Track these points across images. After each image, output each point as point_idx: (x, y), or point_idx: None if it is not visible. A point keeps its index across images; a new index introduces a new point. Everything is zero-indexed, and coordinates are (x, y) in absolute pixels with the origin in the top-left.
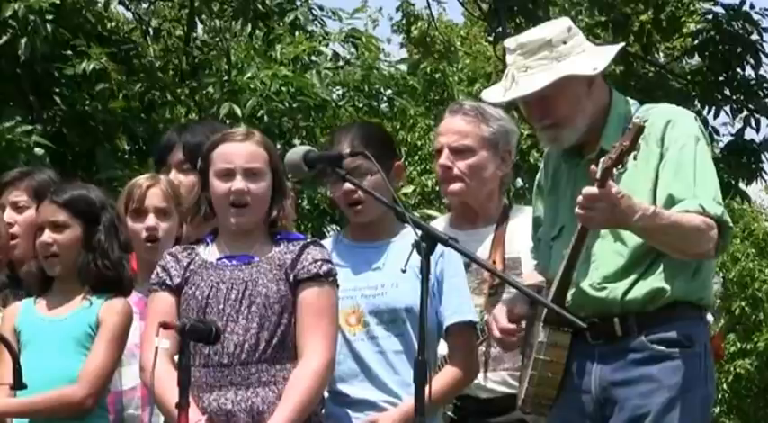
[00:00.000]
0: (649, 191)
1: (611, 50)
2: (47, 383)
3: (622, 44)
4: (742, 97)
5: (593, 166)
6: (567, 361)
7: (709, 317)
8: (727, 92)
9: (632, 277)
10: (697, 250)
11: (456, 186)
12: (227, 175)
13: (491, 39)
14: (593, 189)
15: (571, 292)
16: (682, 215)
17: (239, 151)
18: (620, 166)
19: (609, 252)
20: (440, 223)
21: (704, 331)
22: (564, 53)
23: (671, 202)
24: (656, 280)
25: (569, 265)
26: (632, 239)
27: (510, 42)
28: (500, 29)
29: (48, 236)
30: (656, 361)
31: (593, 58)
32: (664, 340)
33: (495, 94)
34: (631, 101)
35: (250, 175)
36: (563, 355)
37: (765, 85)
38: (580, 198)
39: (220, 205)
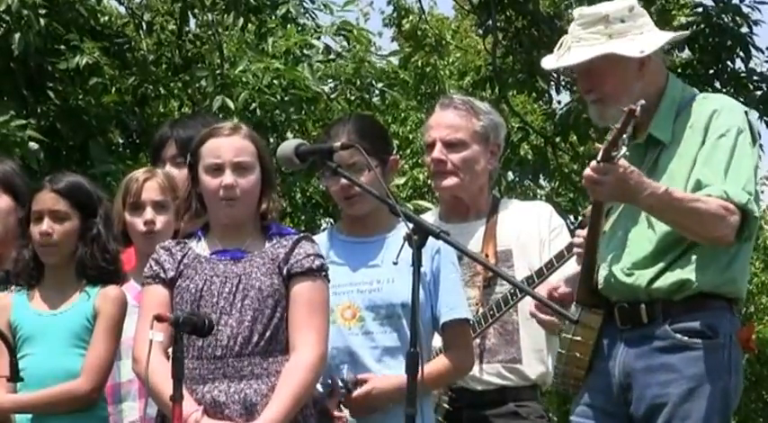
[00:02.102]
0: (688, 172)
1: (666, 36)
2: (51, 379)
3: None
4: (732, 90)
5: (597, 144)
6: (597, 342)
7: None
8: (718, 85)
9: (660, 265)
10: (713, 234)
11: (450, 181)
12: (217, 169)
13: (481, 32)
14: (593, 163)
15: (604, 274)
16: (698, 197)
17: (227, 145)
18: (615, 149)
19: (641, 238)
20: (429, 217)
21: (731, 323)
22: (619, 31)
23: (697, 186)
24: (685, 271)
25: (591, 245)
26: (660, 226)
27: (575, 12)
28: (490, 22)
29: (47, 225)
30: (677, 350)
31: (646, 40)
32: (687, 330)
33: (549, 60)
34: (690, 88)
35: (239, 169)
36: (592, 335)
37: (755, 77)
38: (587, 170)
39: (211, 200)
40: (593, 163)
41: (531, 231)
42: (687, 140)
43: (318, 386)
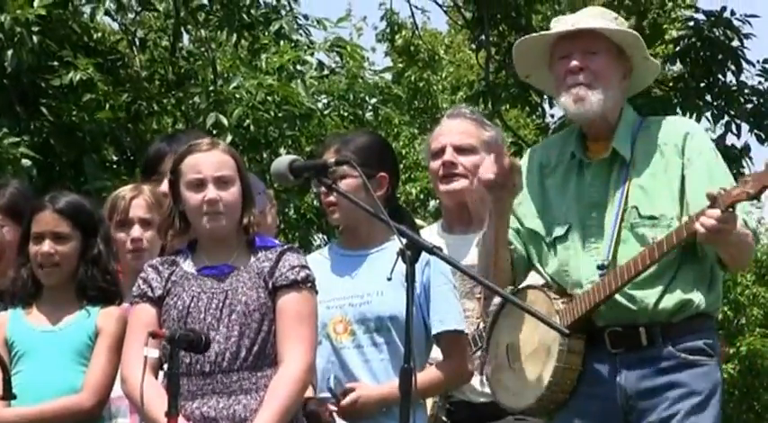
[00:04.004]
0: (671, 199)
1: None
2: (49, 396)
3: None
4: (723, 103)
5: (712, 191)
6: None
7: None
8: (709, 98)
9: (660, 287)
10: (747, 262)
11: (460, 183)
12: (199, 185)
13: (474, 47)
14: (717, 212)
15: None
16: (745, 231)
17: (208, 160)
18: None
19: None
20: (432, 228)
21: (718, 341)
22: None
23: None
24: (683, 291)
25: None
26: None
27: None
28: (483, 37)
29: (49, 246)
30: (684, 368)
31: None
32: (691, 349)
33: (561, 23)
34: (634, 112)
35: (221, 184)
36: (579, 361)
37: (746, 90)
38: (711, 221)
39: (195, 215)
40: (718, 213)
41: None
42: (661, 161)
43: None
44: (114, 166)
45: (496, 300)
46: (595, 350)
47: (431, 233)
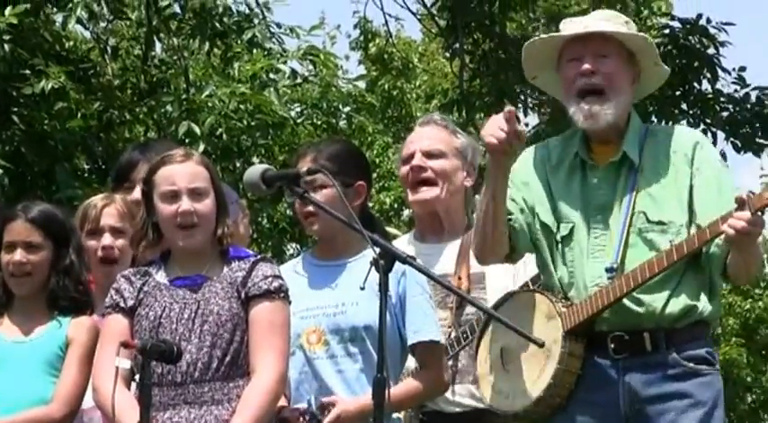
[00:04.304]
0: (679, 207)
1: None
2: (20, 407)
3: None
4: (699, 111)
5: (742, 195)
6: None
7: None
8: (685, 106)
9: (666, 292)
10: (755, 274)
11: (430, 192)
12: (173, 196)
13: (448, 55)
14: (747, 214)
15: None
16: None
17: (182, 172)
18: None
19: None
20: (404, 238)
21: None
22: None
23: None
24: (688, 297)
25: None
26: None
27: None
28: (457, 45)
29: (21, 255)
30: (688, 377)
31: None
32: (695, 358)
33: (572, 26)
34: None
35: (195, 195)
36: (579, 365)
37: (722, 98)
38: (741, 223)
39: (168, 228)
40: (748, 215)
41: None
42: (670, 168)
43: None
44: (86, 175)
45: (469, 309)
46: (596, 355)
47: (402, 242)
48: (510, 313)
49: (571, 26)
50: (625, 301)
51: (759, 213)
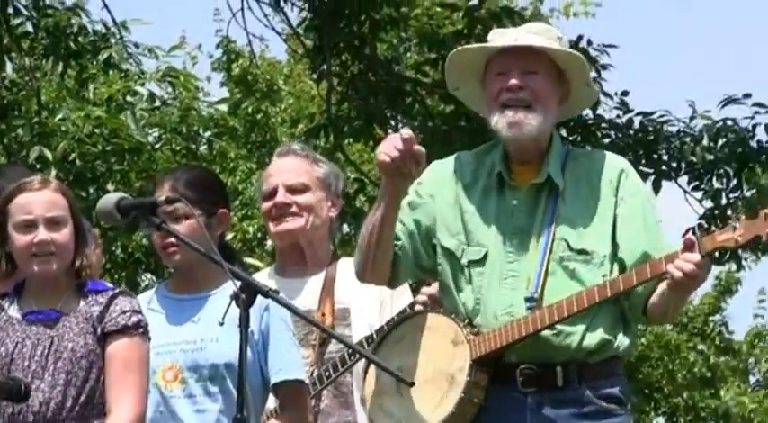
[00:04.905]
0: (602, 237)
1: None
2: None
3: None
4: (579, 138)
5: (690, 236)
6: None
7: None
8: (564, 132)
9: (583, 325)
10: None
11: (294, 223)
12: (29, 226)
13: (315, 77)
14: (697, 257)
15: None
16: None
17: (38, 200)
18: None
19: (566, 293)
20: (264, 272)
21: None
22: None
23: (644, 259)
24: (604, 331)
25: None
26: (591, 279)
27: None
28: (324, 67)
29: None
30: (600, 416)
31: None
32: (608, 396)
33: (502, 38)
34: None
35: (52, 225)
36: (482, 396)
37: (604, 124)
38: (690, 266)
39: (24, 258)
40: (698, 257)
41: (372, 290)
42: (593, 195)
43: None
44: None
45: (332, 347)
46: (502, 388)
47: (263, 276)
48: (410, 334)
49: (501, 38)
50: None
51: (707, 257)
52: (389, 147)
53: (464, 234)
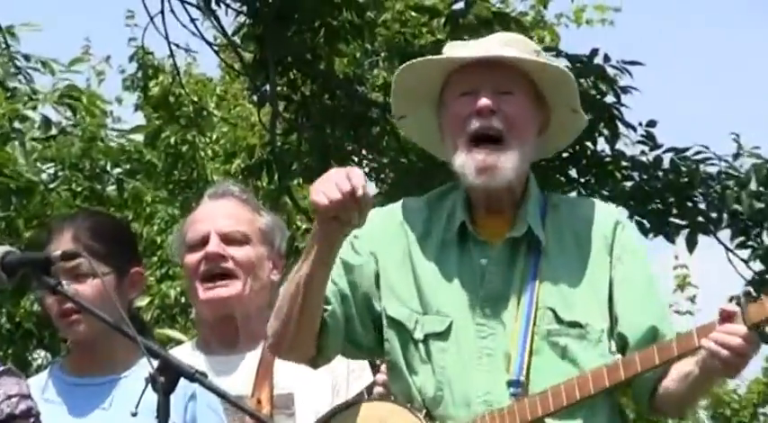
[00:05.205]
0: (597, 306)
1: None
2: None
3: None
4: (593, 180)
5: (726, 306)
6: None
7: None
8: (574, 172)
9: (580, 420)
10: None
11: (229, 289)
12: None
13: (256, 99)
14: (743, 328)
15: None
16: None
17: None
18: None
19: (557, 376)
20: (184, 348)
21: None
22: None
23: (652, 335)
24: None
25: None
26: (587, 359)
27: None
28: (267, 87)
29: None
30: None
31: None
32: None
33: (466, 51)
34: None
35: None
36: None
37: (624, 163)
38: (737, 340)
39: None
40: (744, 329)
41: (321, 371)
42: (578, 253)
43: None
44: None
45: None
46: None
47: (184, 352)
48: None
49: (463, 49)
50: None
51: (754, 329)
52: (330, 185)
53: (418, 301)
